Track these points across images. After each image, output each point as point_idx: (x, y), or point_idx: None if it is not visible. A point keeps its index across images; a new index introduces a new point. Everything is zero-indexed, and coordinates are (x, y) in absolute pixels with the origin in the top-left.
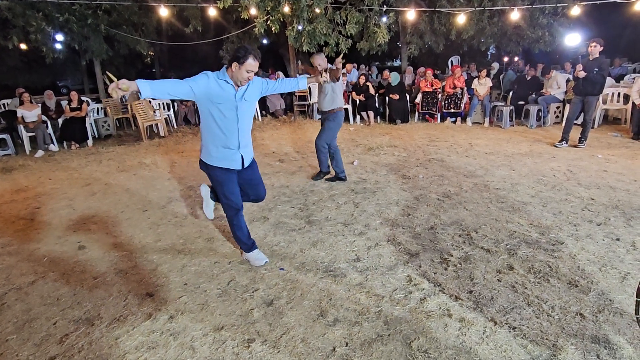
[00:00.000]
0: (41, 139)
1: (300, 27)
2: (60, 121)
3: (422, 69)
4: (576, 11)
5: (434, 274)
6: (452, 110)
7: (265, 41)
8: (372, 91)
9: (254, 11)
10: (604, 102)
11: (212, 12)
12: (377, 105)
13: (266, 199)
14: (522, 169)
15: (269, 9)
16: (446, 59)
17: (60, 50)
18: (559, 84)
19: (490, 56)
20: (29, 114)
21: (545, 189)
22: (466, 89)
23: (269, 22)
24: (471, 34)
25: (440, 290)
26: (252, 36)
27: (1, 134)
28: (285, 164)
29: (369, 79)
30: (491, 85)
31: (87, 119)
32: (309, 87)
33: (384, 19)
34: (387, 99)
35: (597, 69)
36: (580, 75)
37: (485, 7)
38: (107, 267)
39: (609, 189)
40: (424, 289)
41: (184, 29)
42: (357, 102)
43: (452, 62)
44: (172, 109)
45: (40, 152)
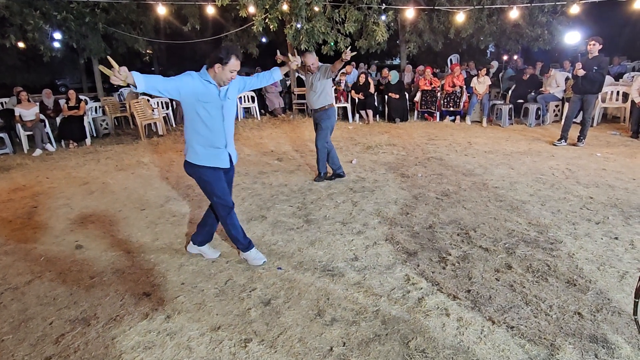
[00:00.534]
0: (39, 137)
1: (299, 26)
2: (58, 120)
3: (421, 68)
4: (575, 9)
5: (432, 273)
6: (451, 108)
7: (264, 39)
8: (372, 90)
9: (252, 9)
10: (603, 101)
11: (211, 10)
12: (376, 103)
13: (265, 197)
14: (521, 167)
15: (268, 7)
16: (445, 57)
17: (58, 48)
18: (558, 82)
19: (489, 54)
20: (27, 112)
21: (544, 188)
22: (465, 87)
23: (267, 21)
24: (470, 32)
25: (438, 289)
26: (250, 34)
27: None
28: (283, 162)
29: (369, 77)
30: (490, 83)
31: (85, 117)
32: None
33: (383, 17)
34: (386, 97)
35: (596, 68)
36: (579, 73)
37: (484, 5)
38: (104, 267)
39: (607, 188)
40: (422, 288)
41: (182, 27)
42: (357, 100)
43: (451, 60)
44: (170, 108)
45: (38, 151)
